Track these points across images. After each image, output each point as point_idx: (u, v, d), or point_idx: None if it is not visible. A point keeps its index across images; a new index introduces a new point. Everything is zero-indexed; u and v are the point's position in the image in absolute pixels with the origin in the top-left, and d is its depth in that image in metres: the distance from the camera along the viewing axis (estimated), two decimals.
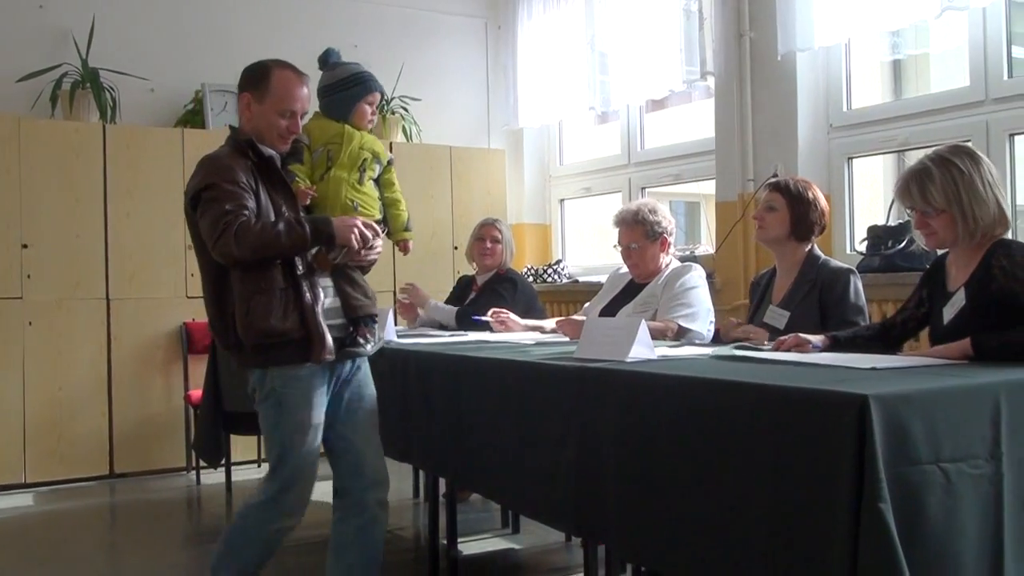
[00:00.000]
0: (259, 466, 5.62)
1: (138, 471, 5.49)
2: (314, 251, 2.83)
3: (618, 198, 6.19)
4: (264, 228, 2.68)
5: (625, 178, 6.17)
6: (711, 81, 5.27)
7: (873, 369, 2.20)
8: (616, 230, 3.94)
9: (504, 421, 2.83)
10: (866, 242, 4.50)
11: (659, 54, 5.46)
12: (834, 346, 2.75)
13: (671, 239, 3.93)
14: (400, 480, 4.59)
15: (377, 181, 3.18)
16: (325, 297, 2.85)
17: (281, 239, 2.70)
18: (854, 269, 3.32)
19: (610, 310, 3.85)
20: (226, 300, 2.77)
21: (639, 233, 3.84)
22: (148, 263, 5.50)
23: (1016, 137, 4.19)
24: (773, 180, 3.50)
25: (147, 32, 5.84)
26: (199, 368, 5.14)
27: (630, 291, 3.90)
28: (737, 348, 2.86)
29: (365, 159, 3.11)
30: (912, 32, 7.05)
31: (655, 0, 5.49)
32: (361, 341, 2.95)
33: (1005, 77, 4.15)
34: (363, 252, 2.88)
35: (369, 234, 2.86)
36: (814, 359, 2.46)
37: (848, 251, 4.73)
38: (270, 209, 2.78)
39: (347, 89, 3.12)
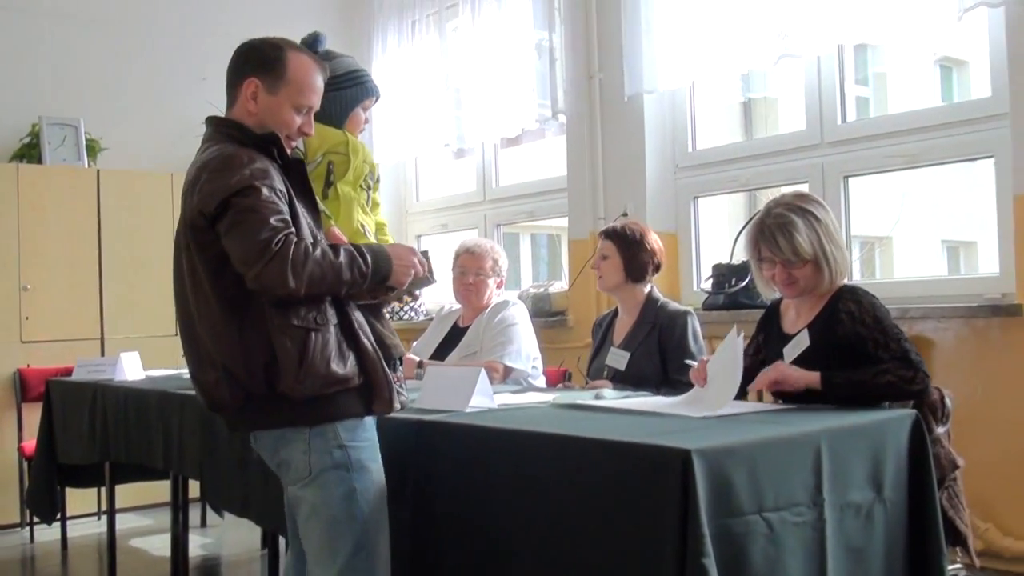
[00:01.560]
0: (99, 518, 5.34)
1: None
2: None
3: (475, 235, 6.18)
4: (325, 256, 2.13)
5: (481, 214, 6.18)
6: (563, 119, 5.33)
7: (704, 418, 2.23)
8: (457, 257, 3.97)
9: None
10: (711, 280, 4.61)
11: (512, 92, 5.49)
12: None
13: (503, 282, 4.00)
14: (251, 530, 4.44)
15: None
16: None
17: (342, 274, 2.16)
18: (691, 311, 3.40)
19: (438, 355, 3.84)
20: (253, 341, 2.16)
21: (487, 266, 3.86)
22: None
23: (850, 179, 4.37)
24: (605, 228, 3.57)
25: None
26: (34, 417, 4.85)
27: (455, 335, 3.90)
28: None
29: (366, 175, 2.73)
30: (761, 75, 7.33)
31: (508, 38, 5.53)
32: (400, 389, 2.44)
33: (839, 121, 4.33)
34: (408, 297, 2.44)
35: (423, 271, 2.35)
36: (653, 406, 2.48)
37: (695, 288, 4.84)
38: (306, 229, 2.22)
39: (341, 88, 2.66)
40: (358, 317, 2.31)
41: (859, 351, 2.51)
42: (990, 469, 3.52)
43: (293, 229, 2.14)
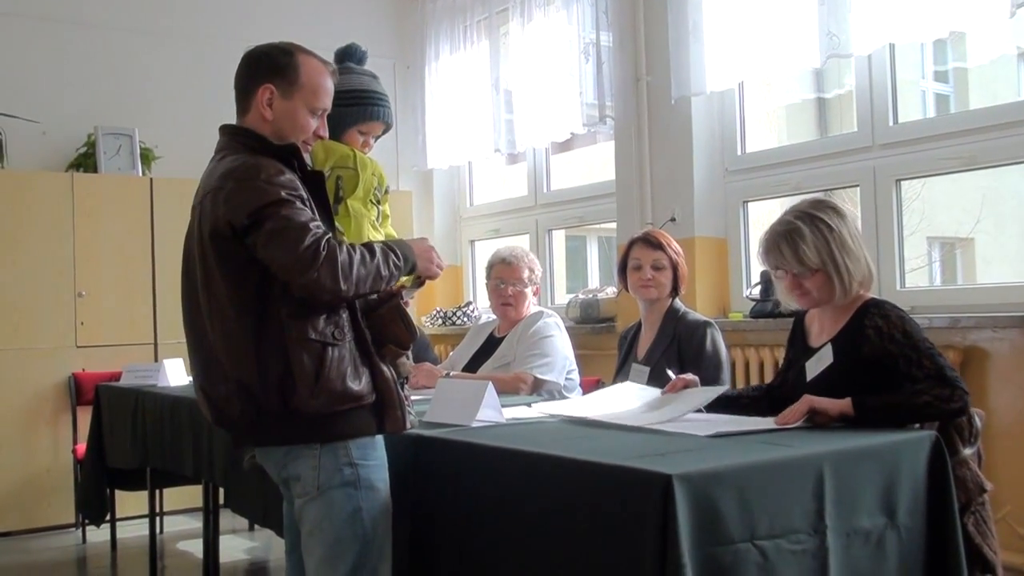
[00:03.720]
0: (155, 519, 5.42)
1: (25, 529, 5.26)
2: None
3: (526, 240, 6.12)
4: (363, 256, 2.13)
5: (532, 219, 6.12)
6: (611, 124, 5.24)
7: (709, 437, 2.14)
8: (492, 268, 3.87)
9: None
10: (759, 286, 4.47)
11: (561, 97, 5.42)
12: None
13: (539, 290, 3.92)
14: None
15: None
16: None
17: (381, 270, 2.15)
18: (711, 321, 3.29)
19: (472, 366, 3.77)
20: (269, 354, 2.12)
21: (524, 276, 3.79)
22: (34, 312, 5.29)
23: (903, 182, 4.20)
24: (648, 236, 3.44)
25: (38, 73, 5.66)
26: (88, 421, 4.94)
27: (490, 345, 3.82)
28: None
29: (374, 188, 2.73)
30: (835, 73, 7.11)
31: (556, 44, 5.47)
32: (409, 409, 2.34)
33: (891, 123, 4.16)
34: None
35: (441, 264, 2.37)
36: (660, 423, 2.38)
37: (744, 294, 4.70)
38: None
39: (342, 105, 2.61)
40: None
41: (888, 368, 2.37)
42: None
43: (331, 234, 2.13)
